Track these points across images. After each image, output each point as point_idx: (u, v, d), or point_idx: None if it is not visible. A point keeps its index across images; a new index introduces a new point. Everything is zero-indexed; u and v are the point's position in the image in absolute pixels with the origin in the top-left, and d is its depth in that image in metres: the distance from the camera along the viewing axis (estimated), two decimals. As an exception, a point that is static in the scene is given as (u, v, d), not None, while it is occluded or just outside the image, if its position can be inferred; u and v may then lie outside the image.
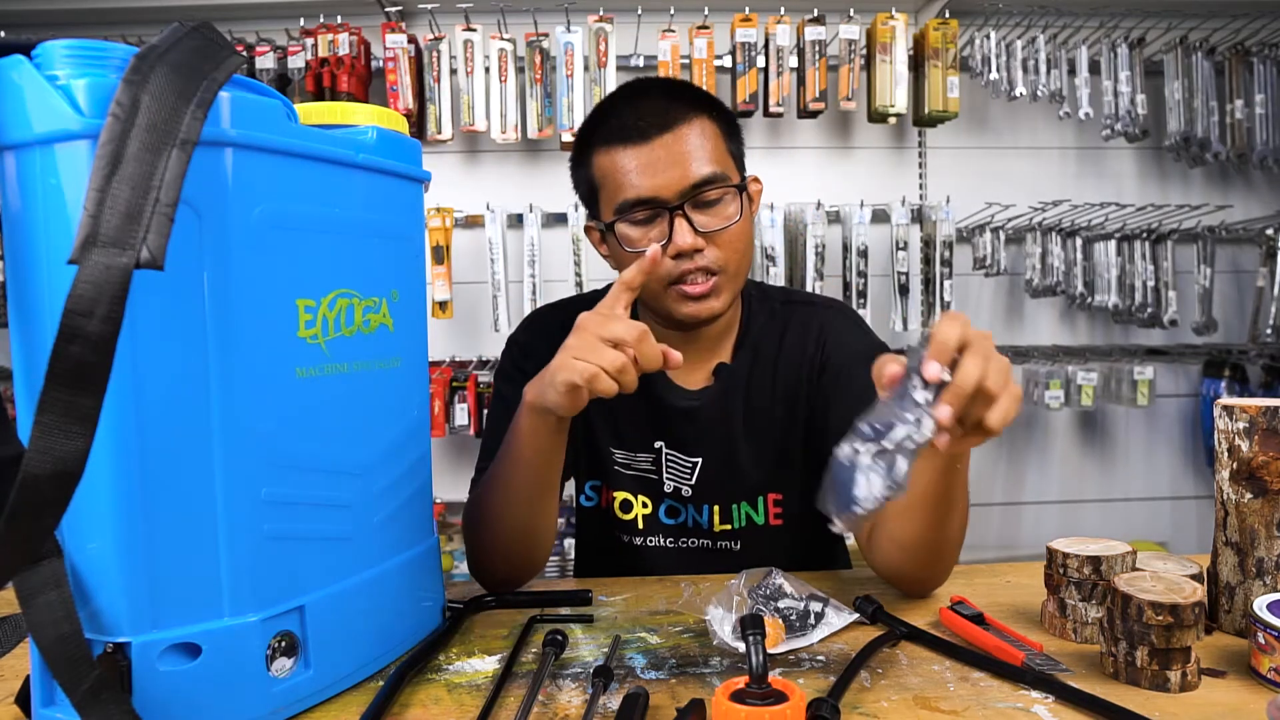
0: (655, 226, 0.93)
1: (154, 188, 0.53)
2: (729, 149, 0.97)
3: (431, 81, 2.23)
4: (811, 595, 0.82)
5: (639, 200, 0.92)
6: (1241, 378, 2.50)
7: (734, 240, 0.94)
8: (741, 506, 1.04)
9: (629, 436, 1.07)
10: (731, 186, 0.94)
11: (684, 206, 0.92)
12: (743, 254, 0.97)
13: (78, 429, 0.51)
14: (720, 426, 1.03)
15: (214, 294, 0.59)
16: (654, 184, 0.91)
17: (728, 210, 0.94)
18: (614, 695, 0.68)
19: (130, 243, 0.51)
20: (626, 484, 1.07)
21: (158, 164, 0.53)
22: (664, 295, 0.96)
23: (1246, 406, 0.79)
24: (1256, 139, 2.36)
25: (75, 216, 0.50)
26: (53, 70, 0.54)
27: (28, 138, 0.55)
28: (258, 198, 0.61)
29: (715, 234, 0.93)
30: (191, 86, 0.55)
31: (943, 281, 2.35)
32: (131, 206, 0.52)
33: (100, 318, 0.50)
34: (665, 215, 0.92)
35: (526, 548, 0.90)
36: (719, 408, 1.03)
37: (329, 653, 0.68)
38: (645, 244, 0.93)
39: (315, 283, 0.66)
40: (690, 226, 0.92)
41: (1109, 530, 1.04)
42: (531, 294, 2.33)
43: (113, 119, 0.52)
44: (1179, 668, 0.68)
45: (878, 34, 2.26)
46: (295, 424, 0.65)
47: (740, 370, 1.04)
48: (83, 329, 0.50)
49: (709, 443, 1.04)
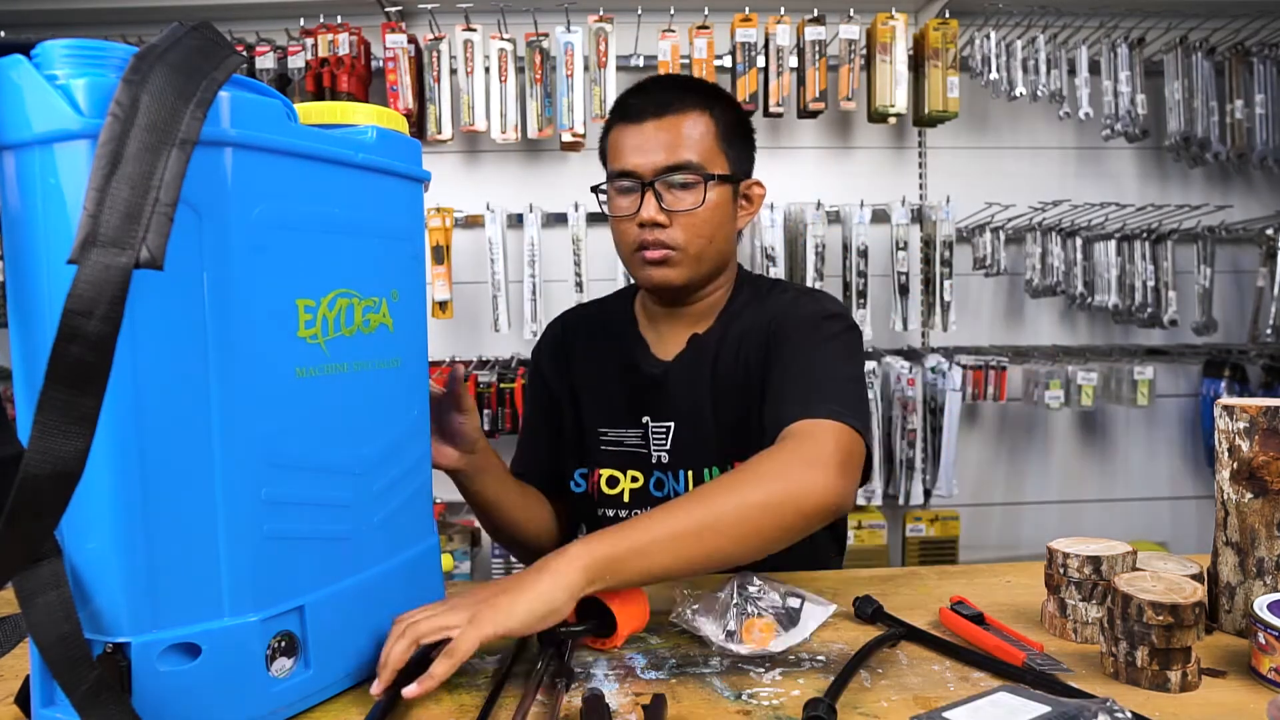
0: (632, 198, 1.05)
1: (153, 187, 0.53)
2: (721, 146, 1.06)
3: (431, 81, 2.23)
4: (789, 592, 0.82)
5: (622, 171, 1.05)
6: (1241, 378, 2.50)
7: (694, 224, 1.04)
8: (713, 470, 1.09)
9: (617, 414, 1.14)
10: (702, 177, 1.03)
11: (655, 184, 1.03)
12: (706, 239, 1.05)
13: (77, 429, 0.51)
14: (688, 391, 1.10)
15: (214, 294, 0.59)
16: (636, 161, 1.03)
17: (694, 196, 1.04)
18: (575, 695, 0.68)
19: (130, 242, 0.51)
20: (612, 461, 1.14)
21: (157, 164, 0.53)
22: (631, 262, 1.08)
23: (1247, 406, 0.79)
24: (1256, 139, 2.36)
25: (75, 216, 0.50)
26: (52, 70, 0.54)
27: (27, 137, 0.55)
28: (257, 197, 0.61)
29: (677, 214, 1.03)
30: (191, 86, 0.55)
31: (943, 281, 2.35)
32: (131, 206, 0.51)
33: (100, 317, 0.50)
34: (640, 189, 1.04)
35: (523, 542, 1.15)
36: (688, 374, 1.10)
37: (329, 653, 0.68)
38: (621, 209, 1.06)
39: (315, 283, 0.66)
40: (656, 203, 1.03)
41: (1109, 530, 1.04)
42: (531, 294, 2.33)
43: (112, 118, 0.52)
44: (1179, 668, 0.68)
45: (878, 34, 2.25)
46: (295, 424, 0.65)
47: (710, 340, 1.11)
48: (82, 329, 0.50)
49: (679, 407, 1.11)
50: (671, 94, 1.05)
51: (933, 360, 2.39)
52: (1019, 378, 2.52)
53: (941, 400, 2.35)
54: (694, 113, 1.04)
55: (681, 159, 1.02)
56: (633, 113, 1.05)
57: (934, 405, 2.38)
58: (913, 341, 2.54)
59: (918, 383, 2.35)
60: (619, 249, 1.10)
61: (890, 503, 2.46)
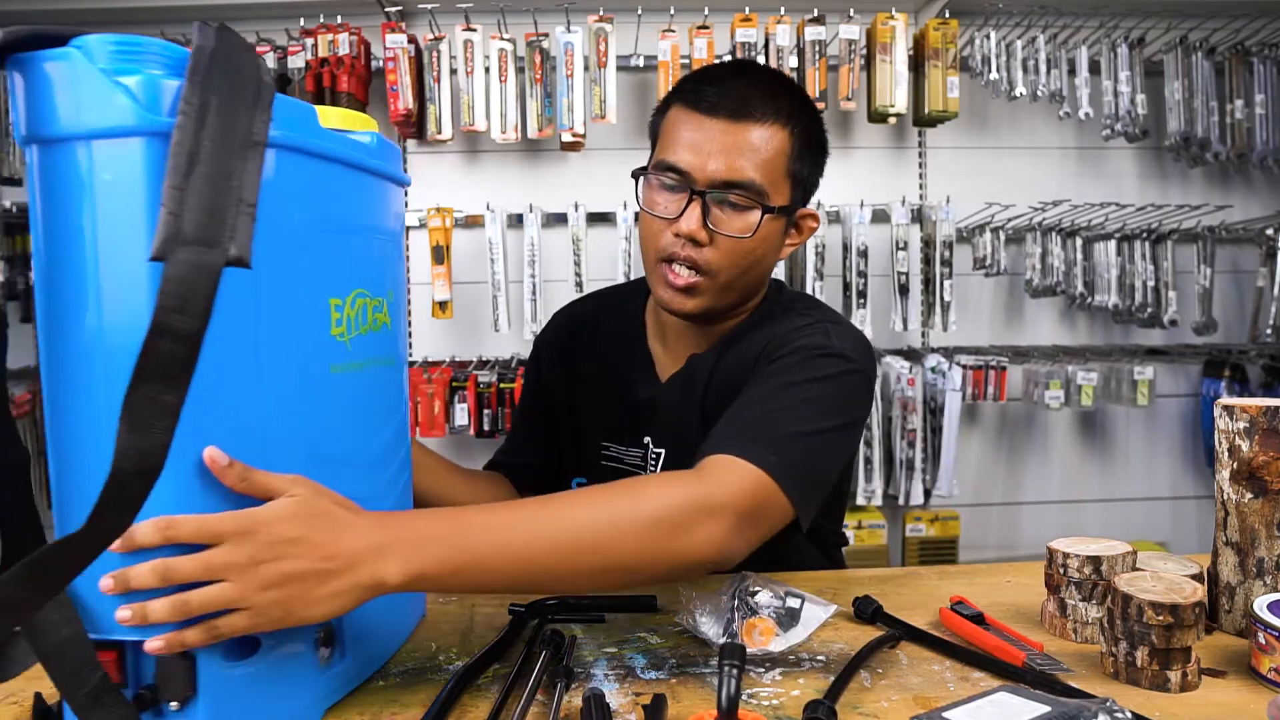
0: (675, 199, 0.92)
1: (234, 188, 0.54)
2: (789, 168, 0.93)
3: (431, 81, 2.23)
4: (788, 592, 0.82)
5: (672, 166, 0.91)
6: (1241, 378, 2.50)
7: (736, 251, 0.92)
8: None
9: (620, 430, 1.07)
10: (760, 204, 0.91)
11: (706, 195, 0.90)
12: (741, 269, 0.94)
13: (161, 424, 0.51)
14: (677, 416, 1.02)
15: (268, 293, 0.60)
16: (692, 160, 0.90)
17: (745, 221, 0.91)
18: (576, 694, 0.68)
19: (218, 240, 0.53)
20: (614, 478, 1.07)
21: (235, 164, 0.54)
22: (653, 270, 0.96)
23: (1247, 406, 0.79)
24: (1256, 139, 2.36)
25: (129, 212, 0.52)
26: (101, 65, 0.54)
27: (72, 131, 0.54)
28: (297, 198, 0.62)
29: (720, 236, 0.91)
30: (249, 88, 0.56)
31: (943, 281, 2.35)
32: (214, 205, 0.53)
33: (191, 314, 0.51)
34: (688, 195, 0.91)
35: None
36: (679, 396, 1.02)
37: (358, 640, 0.70)
38: (658, 207, 0.93)
39: (341, 282, 0.68)
40: (702, 217, 0.90)
41: (1109, 530, 1.04)
42: (531, 294, 2.33)
43: (184, 118, 0.53)
44: (1179, 668, 0.68)
45: (878, 34, 2.25)
46: (330, 420, 0.67)
47: (706, 361, 1.01)
48: (173, 325, 0.51)
49: (670, 433, 1.03)
50: (754, 95, 0.91)
51: (933, 360, 2.39)
52: (1019, 378, 2.52)
53: (941, 400, 2.35)
54: (772, 125, 0.91)
55: (744, 177, 0.90)
56: (705, 103, 0.91)
57: (934, 405, 2.38)
58: (913, 341, 2.54)
59: (918, 383, 2.36)
60: (643, 250, 0.98)
61: (890, 503, 2.46)
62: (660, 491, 0.73)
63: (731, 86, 0.91)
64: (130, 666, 0.58)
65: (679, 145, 0.91)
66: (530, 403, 1.20)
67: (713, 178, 0.90)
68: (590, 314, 1.17)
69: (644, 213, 0.95)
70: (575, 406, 1.12)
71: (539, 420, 1.17)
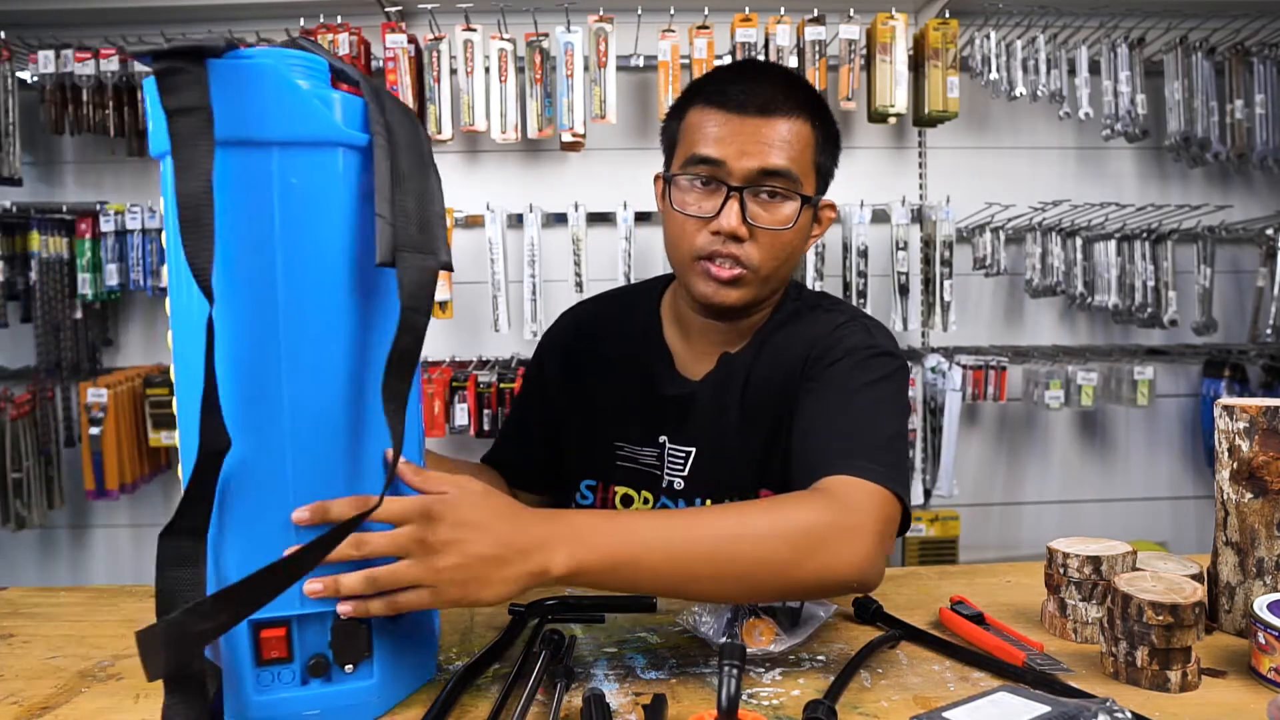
0: (710, 197, 0.93)
1: (432, 201, 0.62)
2: (815, 160, 0.96)
3: (431, 81, 2.23)
4: None
5: (706, 158, 0.92)
6: (1241, 378, 2.50)
7: (775, 243, 0.94)
8: (732, 499, 1.03)
9: (635, 429, 1.06)
10: (797, 193, 0.93)
11: (744, 191, 0.91)
12: (781, 261, 0.95)
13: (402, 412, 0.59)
14: (715, 415, 1.02)
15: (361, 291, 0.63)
16: (727, 153, 0.91)
17: (783, 212, 0.93)
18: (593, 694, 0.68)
19: (429, 248, 0.60)
20: (628, 479, 1.07)
21: (428, 179, 0.62)
22: (690, 269, 0.96)
23: (1247, 406, 0.79)
24: (1256, 139, 2.36)
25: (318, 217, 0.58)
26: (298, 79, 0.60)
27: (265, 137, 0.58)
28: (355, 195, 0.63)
29: (760, 230, 0.93)
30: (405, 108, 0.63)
31: (943, 281, 2.35)
32: (420, 217, 0.60)
33: (423, 312, 0.59)
34: (723, 190, 0.92)
35: None
36: (715, 396, 1.02)
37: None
38: (693, 206, 0.94)
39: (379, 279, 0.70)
40: (740, 213, 0.91)
41: (1109, 530, 1.04)
42: (531, 294, 2.33)
43: (380, 137, 0.59)
44: (1179, 668, 0.68)
45: (878, 34, 2.25)
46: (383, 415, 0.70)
47: (742, 360, 1.02)
48: (414, 322, 0.59)
49: (703, 431, 1.03)
50: (779, 90, 0.93)
51: (933, 360, 2.39)
52: (1019, 378, 2.52)
53: (941, 400, 2.35)
54: (798, 118, 0.93)
55: (781, 166, 0.91)
56: (732, 100, 0.92)
57: (934, 405, 2.38)
58: (913, 341, 2.54)
59: (918, 383, 2.35)
60: (674, 252, 0.98)
61: (890, 503, 2.45)
62: (803, 512, 0.75)
63: (756, 83, 0.93)
64: (296, 640, 0.63)
65: (710, 141, 0.92)
66: (528, 401, 1.19)
67: (749, 170, 0.91)
68: (600, 315, 1.17)
69: (675, 213, 0.96)
70: (584, 408, 1.11)
71: (536, 419, 1.16)
